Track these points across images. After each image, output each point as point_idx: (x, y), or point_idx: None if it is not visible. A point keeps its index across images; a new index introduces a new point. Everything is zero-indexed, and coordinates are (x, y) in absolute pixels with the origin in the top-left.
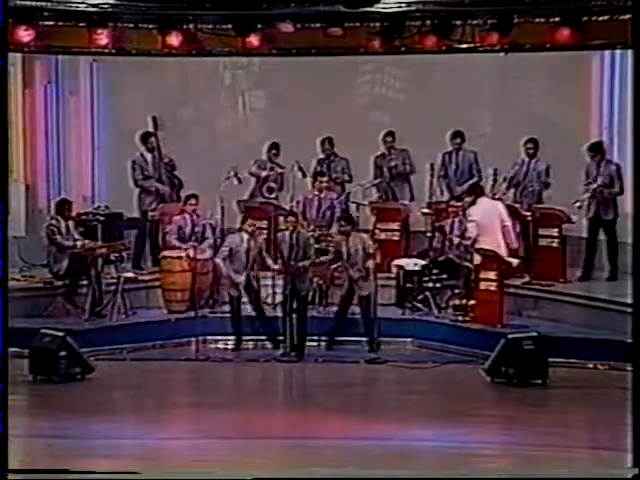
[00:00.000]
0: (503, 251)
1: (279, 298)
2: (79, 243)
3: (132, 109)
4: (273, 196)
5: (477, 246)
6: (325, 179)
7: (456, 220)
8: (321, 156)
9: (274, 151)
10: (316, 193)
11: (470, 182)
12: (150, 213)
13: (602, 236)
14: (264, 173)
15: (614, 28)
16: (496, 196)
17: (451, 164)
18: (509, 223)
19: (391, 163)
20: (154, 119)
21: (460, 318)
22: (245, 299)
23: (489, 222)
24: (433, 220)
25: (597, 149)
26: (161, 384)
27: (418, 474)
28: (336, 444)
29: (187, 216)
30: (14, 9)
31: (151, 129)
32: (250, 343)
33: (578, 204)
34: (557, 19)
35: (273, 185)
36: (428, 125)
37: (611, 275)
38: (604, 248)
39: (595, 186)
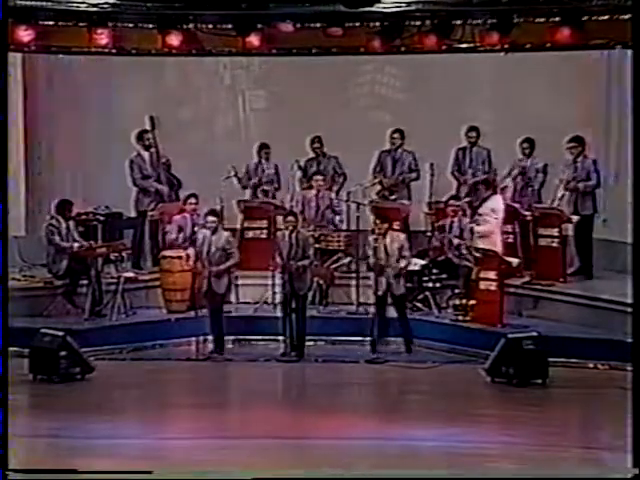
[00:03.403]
0: (500, 250)
1: (279, 298)
2: (76, 244)
3: (132, 109)
4: (269, 198)
5: (482, 243)
6: (321, 177)
7: (455, 220)
8: (310, 155)
9: (265, 151)
10: (314, 193)
11: (482, 178)
12: (150, 213)
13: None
14: (252, 181)
15: (614, 28)
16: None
17: (465, 160)
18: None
19: (398, 162)
20: (151, 118)
21: (460, 318)
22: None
23: (496, 219)
24: (433, 220)
25: (579, 141)
26: (161, 384)
27: (418, 474)
28: (336, 444)
29: (187, 215)
30: (14, 9)
31: (148, 128)
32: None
33: (556, 203)
34: (557, 19)
35: (267, 188)
36: (428, 125)
37: (586, 272)
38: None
39: (569, 178)
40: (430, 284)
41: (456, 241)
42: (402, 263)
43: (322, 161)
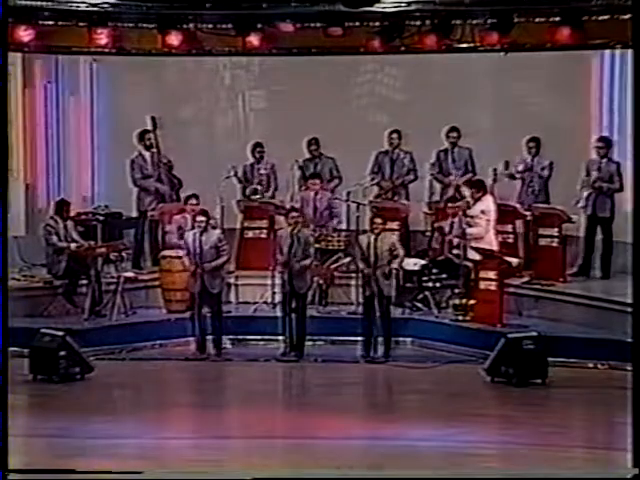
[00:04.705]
0: (496, 250)
1: (278, 297)
2: (73, 245)
3: (132, 109)
4: (258, 197)
5: (475, 245)
6: (317, 180)
7: (455, 220)
8: (307, 156)
9: (259, 150)
10: (312, 193)
11: (471, 178)
12: (150, 213)
13: (599, 234)
14: (250, 182)
15: (614, 28)
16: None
17: (447, 161)
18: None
19: (396, 163)
20: (153, 119)
21: (460, 318)
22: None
23: (487, 221)
24: (433, 220)
25: (607, 142)
26: (161, 384)
27: (418, 474)
28: (336, 444)
29: (187, 216)
30: (14, 9)
31: (150, 128)
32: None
33: (581, 204)
34: (557, 19)
35: (258, 187)
36: (428, 125)
37: (604, 274)
38: (599, 246)
39: (594, 178)
40: (430, 284)
41: (456, 241)
42: (393, 264)
43: (319, 163)
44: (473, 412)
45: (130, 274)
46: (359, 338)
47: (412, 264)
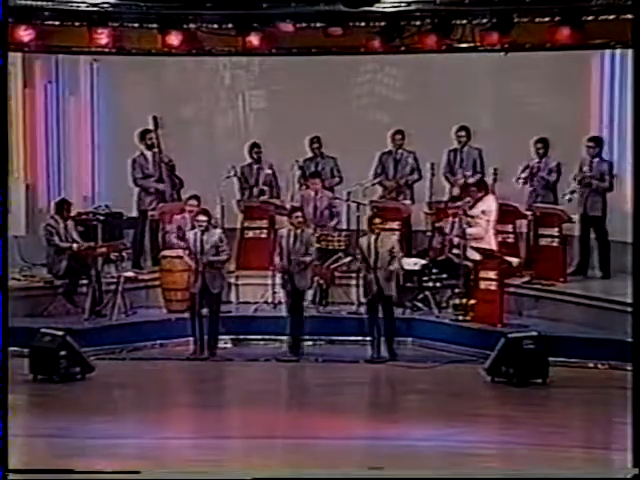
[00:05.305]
0: (496, 250)
1: (279, 297)
2: (75, 245)
3: (132, 109)
4: (266, 197)
5: (476, 245)
6: (318, 180)
7: (456, 220)
8: (309, 155)
9: (256, 150)
10: (313, 193)
11: (474, 178)
12: (150, 212)
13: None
14: (252, 180)
15: (614, 28)
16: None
17: (456, 160)
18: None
19: (399, 163)
20: (154, 118)
21: (460, 317)
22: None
23: (487, 221)
24: (433, 220)
25: (597, 142)
26: (161, 384)
27: (418, 474)
28: (336, 444)
29: (187, 216)
30: (14, 9)
31: (151, 128)
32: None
33: (567, 197)
34: (557, 19)
35: (264, 188)
36: (428, 124)
37: (604, 273)
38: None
39: (583, 176)
40: (430, 284)
41: (456, 240)
42: (392, 266)
43: (320, 162)
44: (473, 412)
45: (130, 274)
46: (359, 338)
47: (412, 264)
